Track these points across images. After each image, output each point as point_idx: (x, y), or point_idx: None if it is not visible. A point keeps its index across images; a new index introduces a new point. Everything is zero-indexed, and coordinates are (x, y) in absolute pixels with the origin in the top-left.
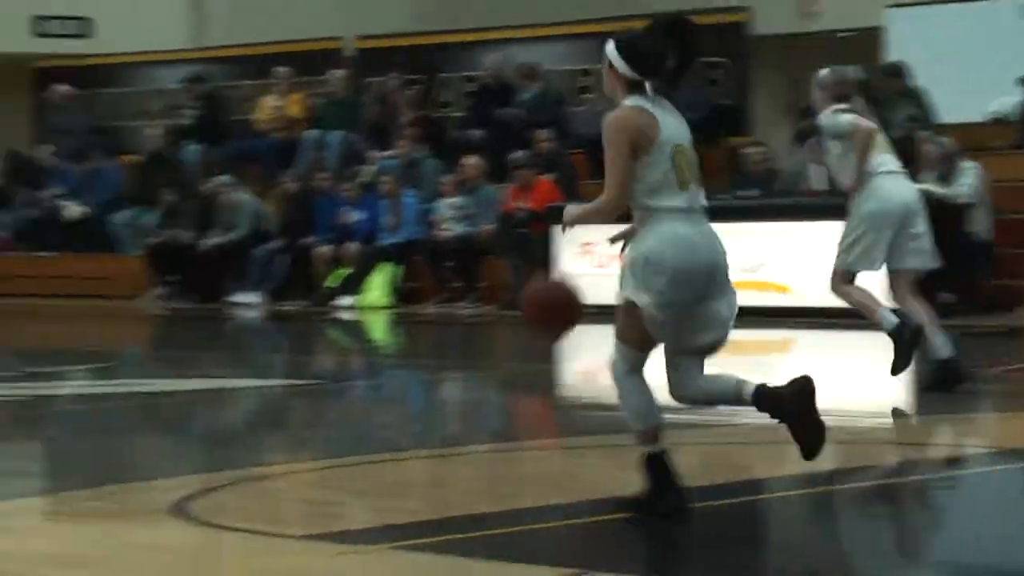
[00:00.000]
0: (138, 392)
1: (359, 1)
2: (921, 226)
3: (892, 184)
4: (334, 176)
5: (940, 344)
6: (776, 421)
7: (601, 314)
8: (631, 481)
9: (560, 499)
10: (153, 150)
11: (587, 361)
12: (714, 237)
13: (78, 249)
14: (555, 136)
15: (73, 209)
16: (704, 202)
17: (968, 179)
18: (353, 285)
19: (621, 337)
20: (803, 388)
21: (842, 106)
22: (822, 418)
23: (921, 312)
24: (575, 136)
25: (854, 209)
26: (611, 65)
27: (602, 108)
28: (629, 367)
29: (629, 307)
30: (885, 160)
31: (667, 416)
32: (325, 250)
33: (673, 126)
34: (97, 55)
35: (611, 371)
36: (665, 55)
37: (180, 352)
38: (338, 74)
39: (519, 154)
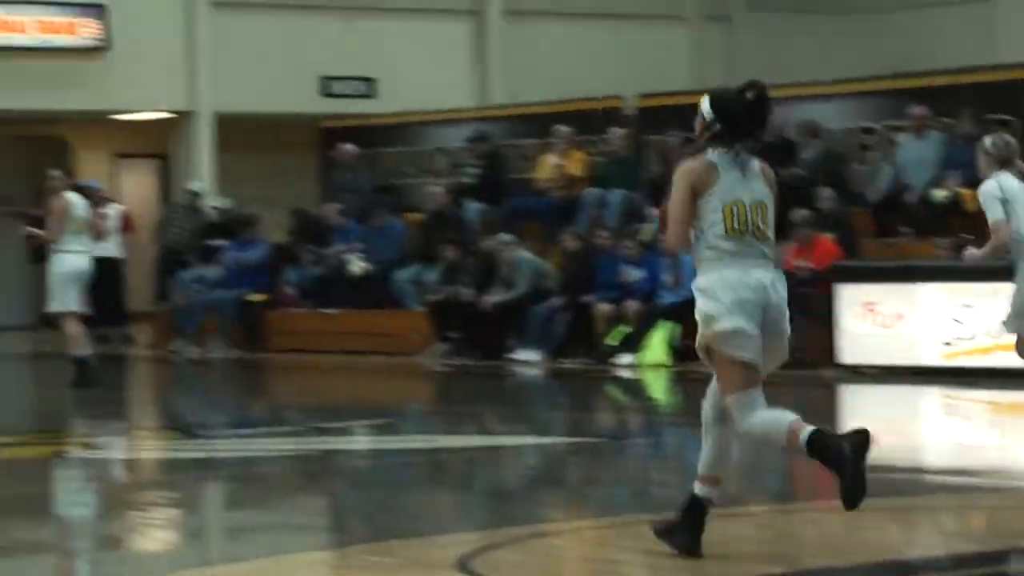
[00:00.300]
0: (420, 448)
1: (640, 59)
2: None
3: None
4: (614, 234)
5: None
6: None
7: (884, 374)
8: (912, 543)
9: (840, 561)
10: (435, 208)
11: (870, 421)
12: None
13: (362, 305)
14: (836, 195)
15: (358, 265)
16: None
17: None
18: (633, 343)
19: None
20: (859, 440)
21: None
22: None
23: None
24: (856, 195)
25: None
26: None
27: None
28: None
29: None
30: None
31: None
32: (606, 308)
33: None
34: (382, 115)
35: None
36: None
37: (461, 408)
38: (619, 132)
39: (801, 213)
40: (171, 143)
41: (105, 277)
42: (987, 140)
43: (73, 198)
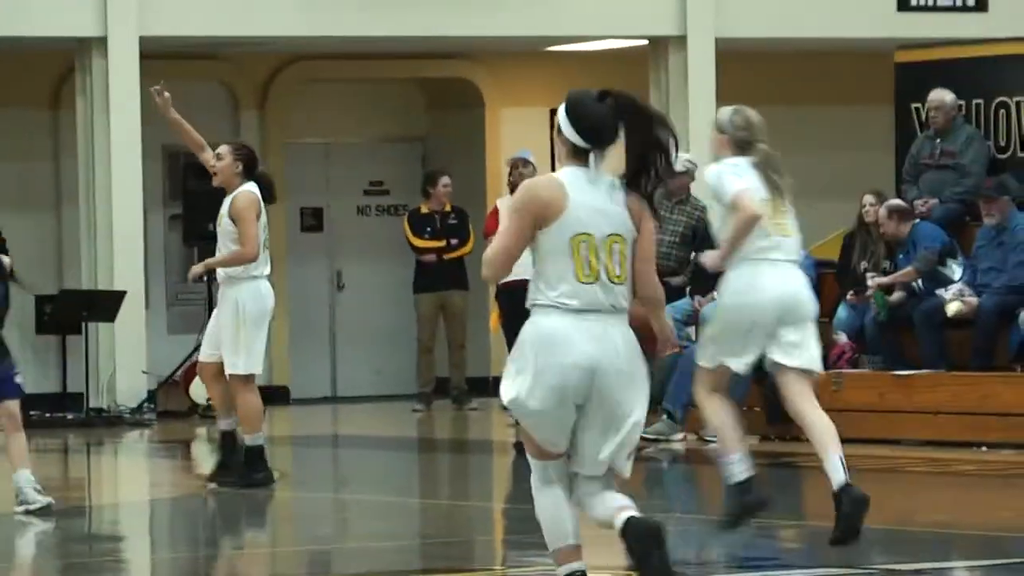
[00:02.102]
0: None
1: None
2: None
3: None
4: None
5: None
6: None
7: None
8: None
9: None
10: None
11: None
12: None
13: (960, 363)
14: None
15: (960, 303)
16: None
17: None
18: None
19: None
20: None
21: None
22: None
23: None
24: None
25: None
26: None
27: None
28: None
29: None
30: None
31: None
32: None
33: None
34: (992, 40)
35: None
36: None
37: None
38: None
39: None
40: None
41: None
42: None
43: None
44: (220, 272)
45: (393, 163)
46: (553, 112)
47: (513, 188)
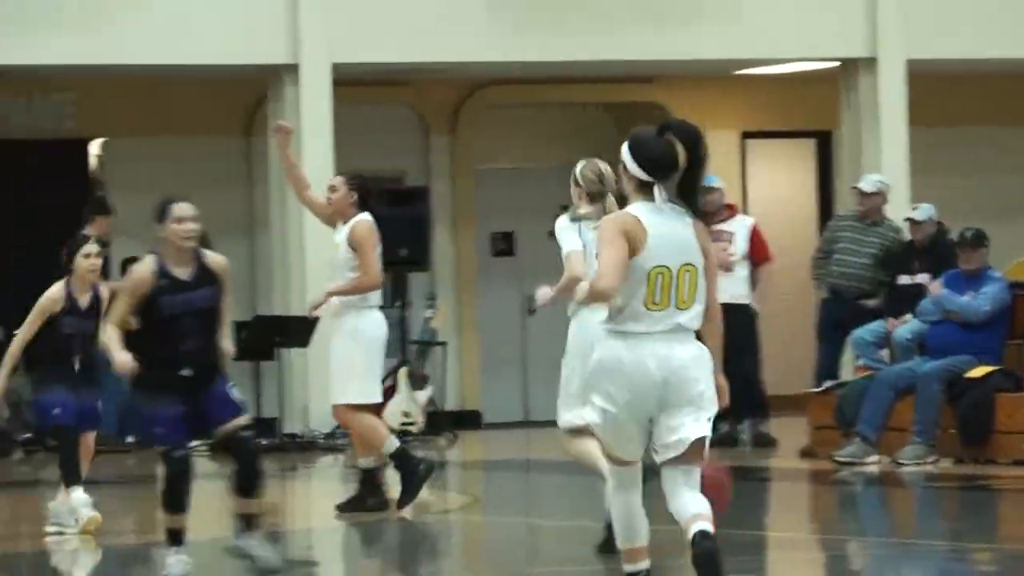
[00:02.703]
0: None
1: None
2: None
3: None
4: None
5: None
6: None
7: None
8: None
9: None
10: None
11: None
12: None
13: None
14: None
15: None
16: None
17: None
18: None
19: None
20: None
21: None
22: None
23: None
24: None
25: None
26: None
27: None
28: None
29: None
30: None
31: None
32: None
33: None
34: None
35: None
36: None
37: None
38: None
39: None
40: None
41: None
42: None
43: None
44: (334, 301)
45: None
46: (744, 135)
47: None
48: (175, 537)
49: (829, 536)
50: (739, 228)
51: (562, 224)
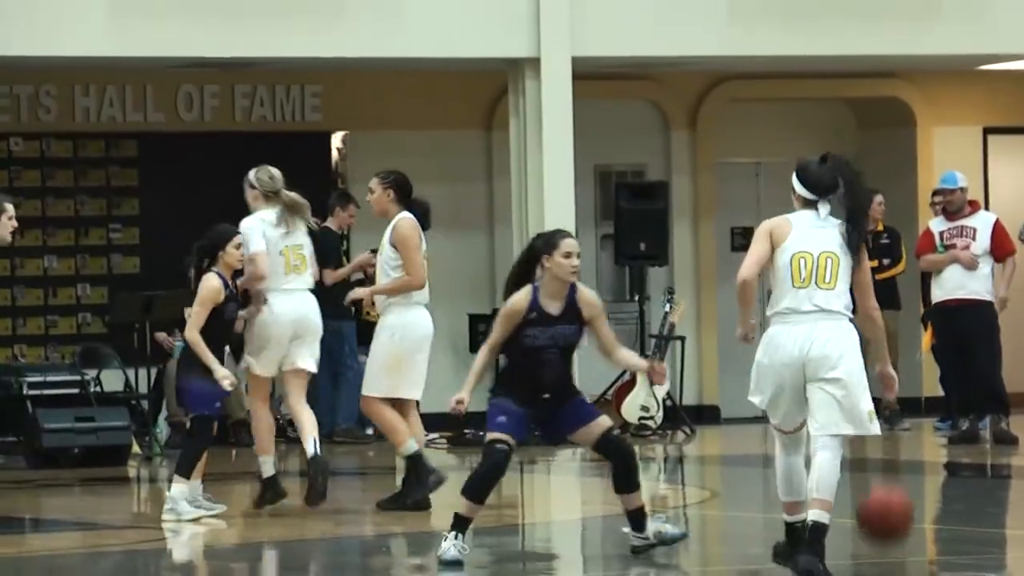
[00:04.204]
0: None
1: None
2: None
3: None
4: None
5: None
6: None
7: None
8: None
9: None
10: None
11: None
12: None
13: None
14: None
15: None
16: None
17: None
18: None
19: None
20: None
21: None
22: None
23: None
24: None
25: None
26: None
27: None
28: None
29: None
30: None
31: None
32: None
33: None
34: None
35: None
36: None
37: None
38: None
39: None
40: None
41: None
42: (251, 174)
43: None
44: (379, 299)
45: None
46: (986, 131)
47: (940, 210)
48: (462, 524)
49: None
50: (981, 224)
51: (246, 225)
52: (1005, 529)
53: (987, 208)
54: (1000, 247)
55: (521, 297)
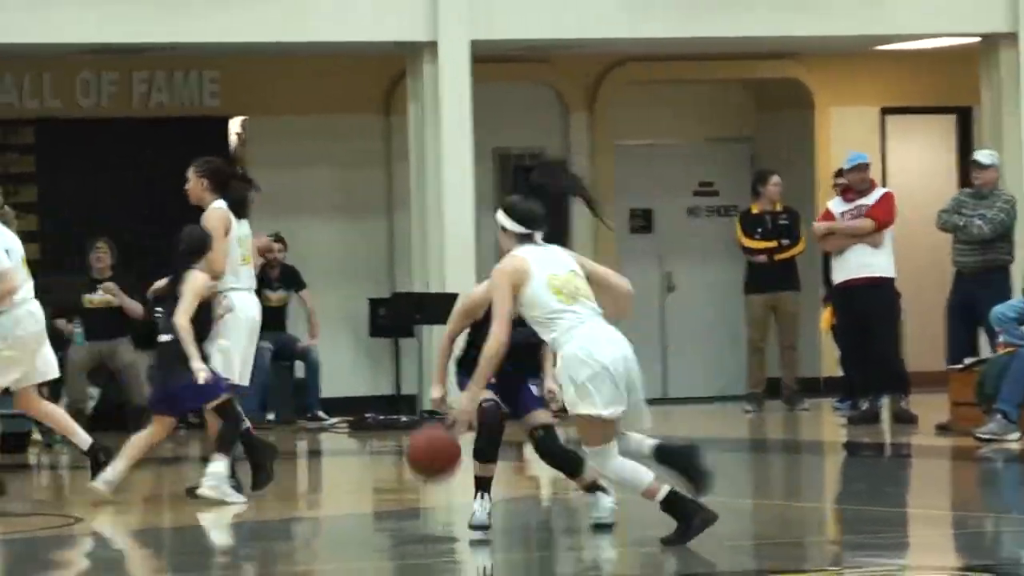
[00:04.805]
0: None
1: None
2: None
3: None
4: None
5: None
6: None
7: None
8: None
9: None
10: None
11: None
12: None
13: None
14: None
15: None
16: None
17: None
18: None
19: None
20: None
21: None
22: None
23: None
24: None
25: None
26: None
27: None
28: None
29: None
30: None
31: None
32: None
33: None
34: None
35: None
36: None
37: None
38: None
39: None
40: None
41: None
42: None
43: None
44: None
45: (722, 164)
46: (884, 111)
47: (845, 191)
48: (483, 484)
49: (969, 513)
50: (874, 198)
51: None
52: (906, 508)
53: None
54: (880, 213)
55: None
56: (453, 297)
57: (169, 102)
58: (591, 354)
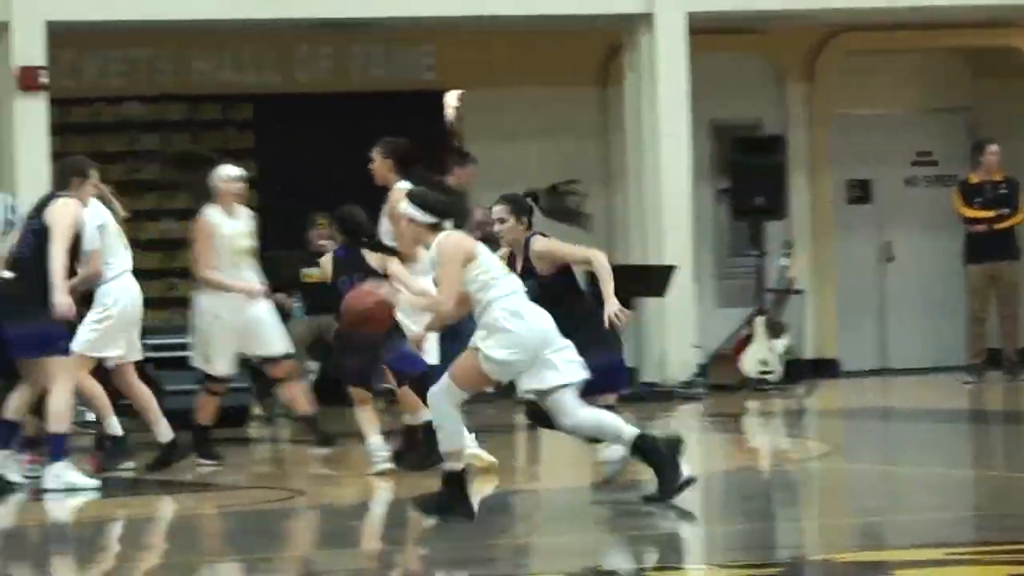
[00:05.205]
0: None
1: None
2: None
3: None
4: None
5: None
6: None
7: None
8: None
9: None
10: None
11: None
12: None
13: None
14: None
15: None
16: None
17: None
18: None
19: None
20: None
21: None
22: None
23: None
24: None
25: None
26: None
27: None
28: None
29: None
30: None
31: None
32: None
33: None
34: None
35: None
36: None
37: None
38: None
39: None
40: None
41: None
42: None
43: None
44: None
45: (940, 133)
46: None
47: None
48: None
49: None
50: None
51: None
52: None
53: None
54: None
55: None
56: (671, 269)
57: (385, 76)
58: (519, 315)
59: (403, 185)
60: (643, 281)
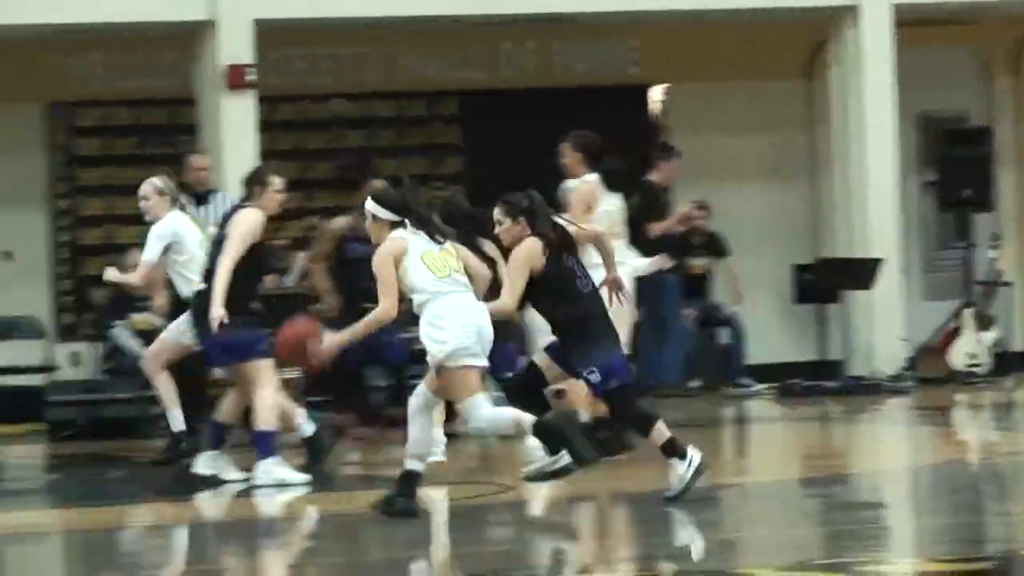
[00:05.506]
0: None
1: None
2: None
3: None
4: None
5: None
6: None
7: None
8: None
9: None
10: None
11: None
12: None
13: None
14: None
15: None
16: None
17: None
18: None
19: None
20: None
21: None
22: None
23: None
24: None
25: None
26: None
27: None
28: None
29: None
30: None
31: None
32: None
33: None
34: None
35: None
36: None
37: None
38: None
39: None
40: None
41: None
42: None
43: None
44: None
45: None
46: None
47: None
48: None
49: None
50: None
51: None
52: None
53: None
54: None
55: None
56: (878, 262)
57: (589, 71)
58: (454, 317)
59: (591, 178)
60: (850, 273)
